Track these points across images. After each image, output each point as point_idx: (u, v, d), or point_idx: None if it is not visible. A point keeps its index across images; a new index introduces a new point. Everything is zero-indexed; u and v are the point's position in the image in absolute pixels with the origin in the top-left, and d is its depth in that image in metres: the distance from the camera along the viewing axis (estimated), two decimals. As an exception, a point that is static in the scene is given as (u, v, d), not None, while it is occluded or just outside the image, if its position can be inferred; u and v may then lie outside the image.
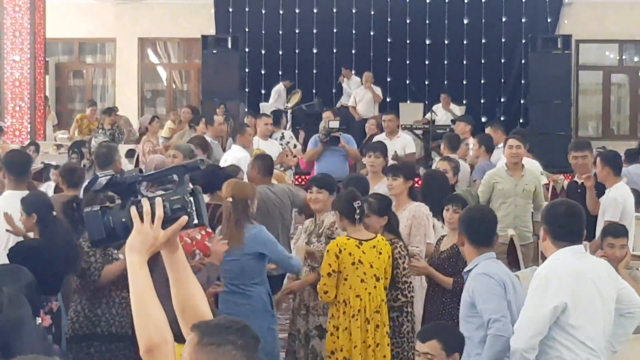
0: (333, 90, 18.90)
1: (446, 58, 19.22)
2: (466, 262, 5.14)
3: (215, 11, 19.86)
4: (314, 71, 19.46)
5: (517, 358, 4.47)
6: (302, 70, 19.40)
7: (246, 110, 17.67)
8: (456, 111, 16.47)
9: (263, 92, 18.95)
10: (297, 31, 19.49)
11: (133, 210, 2.66)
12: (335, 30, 19.35)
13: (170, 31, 20.46)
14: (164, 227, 2.67)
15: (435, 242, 6.64)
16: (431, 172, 8.59)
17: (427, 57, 19.24)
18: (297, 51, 19.49)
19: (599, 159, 7.84)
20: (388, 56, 19.35)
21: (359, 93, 17.00)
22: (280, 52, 19.55)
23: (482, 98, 19.16)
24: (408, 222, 6.76)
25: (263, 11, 19.59)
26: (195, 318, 2.73)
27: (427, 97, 18.27)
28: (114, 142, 14.40)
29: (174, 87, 21.72)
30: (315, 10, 19.48)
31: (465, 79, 19.14)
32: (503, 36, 19.16)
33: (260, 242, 5.97)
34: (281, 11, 19.55)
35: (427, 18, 19.18)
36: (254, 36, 19.52)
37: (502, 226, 8.57)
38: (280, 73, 19.21)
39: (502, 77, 19.21)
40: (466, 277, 4.93)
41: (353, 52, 19.19)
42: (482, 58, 19.13)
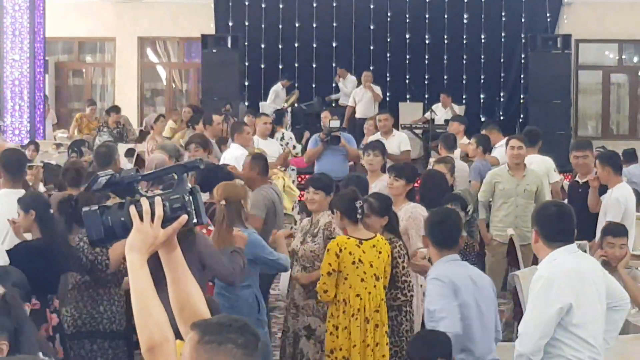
0: (333, 84, 18.88)
1: (446, 55, 19.22)
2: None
3: (215, 10, 19.86)
4: (314, 65, 19.46)
5: None
6: (302, 64, 19.41)
7: (246, 105, 17.70)
8: (456, 110, 16.47)
9: (263, 91, 18.94)
10: (297, 25, 19.49)
11: (132, 209, 2.66)
12: (335, 24, 19.35)
13: (170, 30, 20.46)
14: (164, 227, 2.68)
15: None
16: (430, 172, 8.58)
17: (427, 54, 19.23)
18: (297, 45, 19.50)
19: (598, 161, 7.84)
20: (387, 53, 19.35)
21: (359, 93, 16.88)
22: (280, 47, 19.55)
23: (482, 95, 19.17)
24: (403, 223, 6.76)
25: (263, 5, 19.61)
26: (193, 317, 2.73)
27: (427, 93, 18.30)
28: (121, 140, 14.45)
29: (174, 87, 21.71)
30: (315, 4, 19.49)
31: (465, 76, 19.15)
32: (503, 32, 19.15)
33: (250, 247, 5.91)
34: (281, 5, 19.57)
35: (427, 14, 19.17)
36: (254, 31, 19.53)
37: (503, 226, 8.62)
38: (280, 67, 19.23)
39: (502, 75, 19.21)
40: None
41: (352, 48, 19.17)
42: (482, 55, 19.14)
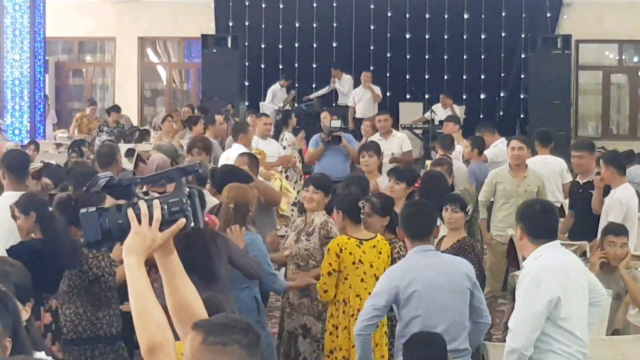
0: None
1: (446, 55, 19.20)
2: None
3: (215, 10, 19.86)
4: (314, 65, 19.45)
5: (516, 357, 4.50)
6: (302, 64, 19.42)
7: (247, 104, 17.68)
8: (456, 111, 16.46)
9: (263, 91, 18.92)
10: (297, 25, 19.49)
11: (130, 212, 2.66)
12: (335, 24, 19.35)
13: (170, 30, 20.45)
14: (161, 230, 2.68)
15: (435, 243, 6.63)
16: (429, 173, 8.58)
17: (427, 54, 19.22)
18: (297, 45, 19.50)
19: (602, 161, 7.78)
20: (387, 53, 19.34)
21: (358, 93, 16.87)
22: (280, 47, 19.55)
23: (482, 95, 19.16)
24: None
25: (263, 5, 19.61)
26: (190, 319, 2.73)
27: (427, 94, 18.28)
28: (121, 140, 14.43)
29: (174, 87, 21.71)
30: (315, 4, 19.49)
31: (465, 76, 19.14)
32: (503, 31, 19.12)
33: (250, 248, 5.91)
34: (281, 5, 19.57)
35: (427, 14, 19.16)
36: (254, 31, 19.54)
37: (504, 226, 8.61)
38: (280, 67, 19.23)
39: (502, 74, 19.19)
40: None
41: (352, 48, 19.17)
42: (482, 55, 19.12)
